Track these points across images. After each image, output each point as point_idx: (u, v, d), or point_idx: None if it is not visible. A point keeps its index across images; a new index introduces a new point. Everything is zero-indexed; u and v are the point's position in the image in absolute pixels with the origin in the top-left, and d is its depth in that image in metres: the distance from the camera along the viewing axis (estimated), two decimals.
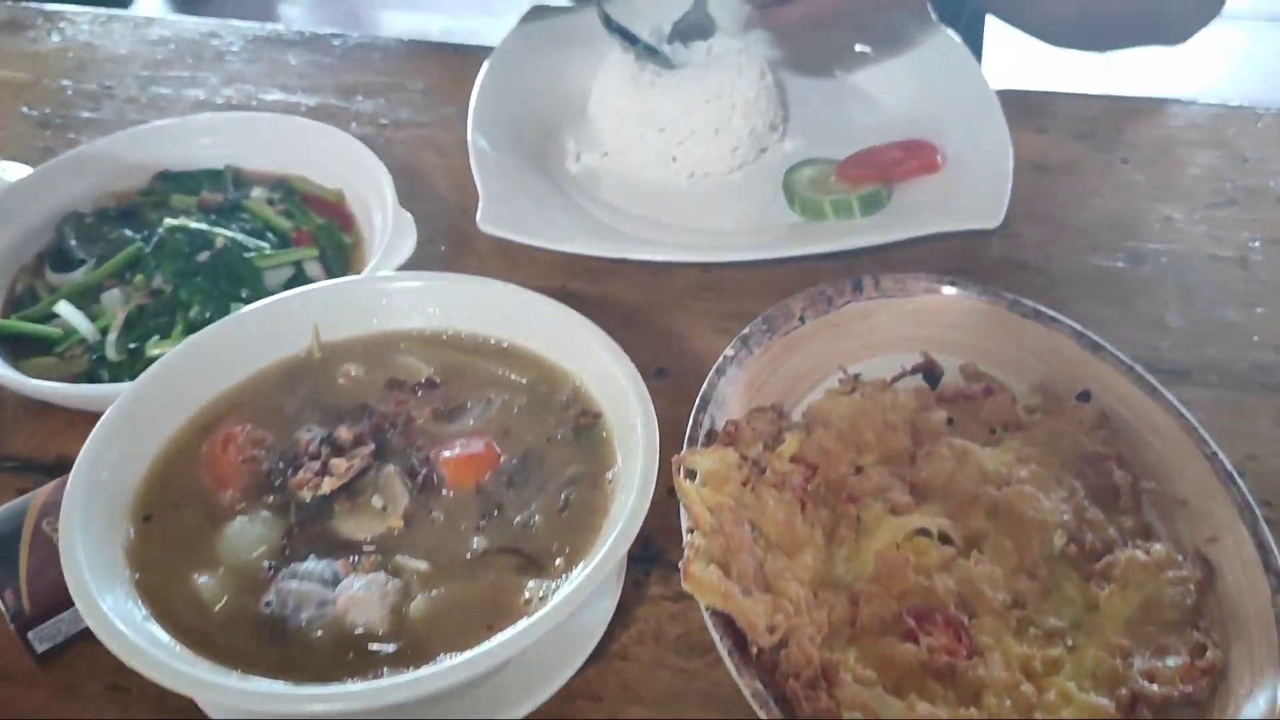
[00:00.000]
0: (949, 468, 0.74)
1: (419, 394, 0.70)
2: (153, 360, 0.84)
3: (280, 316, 0.73)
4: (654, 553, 0.74)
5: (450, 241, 1.00)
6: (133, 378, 0.84)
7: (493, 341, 0.74)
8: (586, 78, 1.12)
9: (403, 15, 4.64)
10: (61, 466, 0.82)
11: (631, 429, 0.64)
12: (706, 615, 0.62)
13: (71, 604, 0.57)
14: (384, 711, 0.53)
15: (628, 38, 1.09)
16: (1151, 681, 0.63)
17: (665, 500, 0.65)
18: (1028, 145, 1.09)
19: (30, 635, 0.68)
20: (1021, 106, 1.15)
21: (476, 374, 0.72)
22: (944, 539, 0.71)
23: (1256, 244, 0.98)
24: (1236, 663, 0.64)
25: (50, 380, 0.84)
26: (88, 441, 0.64)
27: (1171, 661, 0.64)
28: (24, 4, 1.39)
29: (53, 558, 0.70)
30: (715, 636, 0.61)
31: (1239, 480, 0.70)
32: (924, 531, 0.71)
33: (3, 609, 0.69)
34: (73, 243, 0.96)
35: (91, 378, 0.86)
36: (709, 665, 0.68)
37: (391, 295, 0.75)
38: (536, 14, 1.21)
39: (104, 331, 0.87)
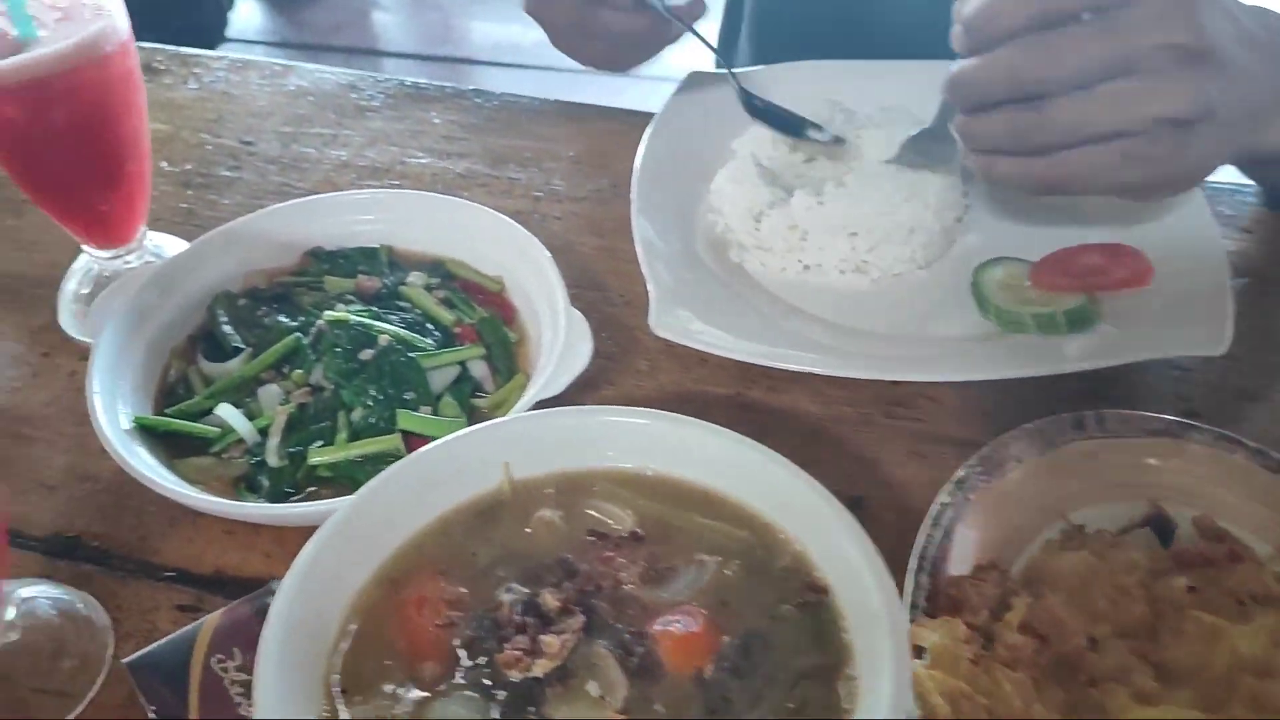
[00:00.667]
0: (1198, 648, 0.67)
1: (623, 549, 0.64)
2: (315, 468, 0.81)
3: (471, 452, 0.68)
4: None
5: (616, 337, 0.94)
6: (294, 485, 0.81)
7: (698, 488, 0.68)
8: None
9: (495, 26, 4.61)
10: (219, 582, 0.78)
11: (872, 618, 0.57)
12: None
13: None
14: None
15: (782, 123, 1.03)
16: None
17: None
18: (1231, 248, 1.01)
19: None
20: (1214, 201, 1.07)
21: (684, 528, 0.66)
22: None
23: None
24: None
25: (208, 483, 0.80)
26: (275, 606, 0.59)
27: None
28: (155, 46, 1.36)
29: (225, 705, 0.65)
30: None
31: None
32: None
33: None
34: (226, 328, 0.91)
35: (250, 482, 0.81)
36: None
37: (589, 430, 0.69)
38: (697, 81, 1.15)
39: (262, 431, 0.83)
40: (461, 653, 0.59)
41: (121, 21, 0.87)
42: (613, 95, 1.33)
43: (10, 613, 0.72)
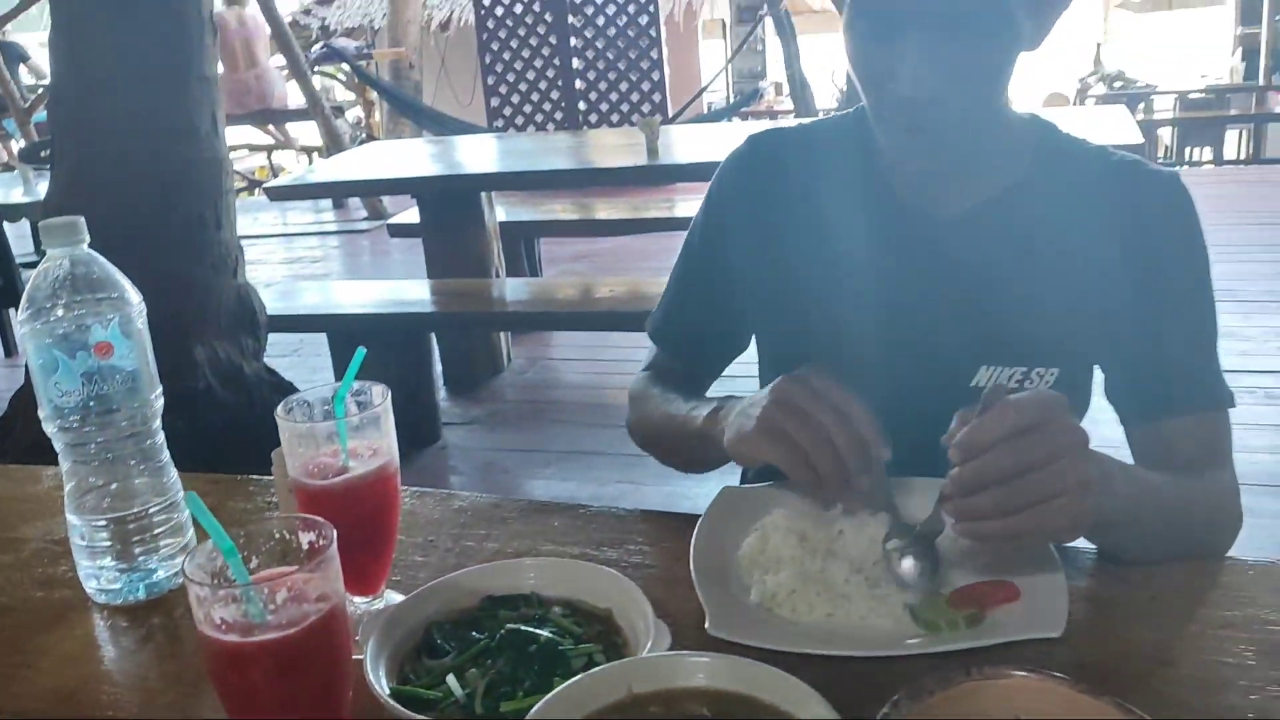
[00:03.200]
0: None
1: None
2: (504, 714, 1.32)
3: (606, 679, 1.20)
4: None
5: (683, 640, 1.46)
6: None
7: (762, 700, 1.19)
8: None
9: (554, 484, 5.39)
10: None
11: None
12: None
13: None
14: None
15: None
16: None
17: None
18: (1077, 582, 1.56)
19: None
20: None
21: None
22: None
23: None
24: None
25: None
26: None
27: None
28: None
29: None
30: None
31: None
32: None
33: None
34: (438, 640, 1.46)
35: None
36: None
37: (682, 662, 1.22)
38: (729, 492, 1.76)
39: (470, 696, 1.35)
40: None
41: (395, 456, 1.51)
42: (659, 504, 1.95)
43: None
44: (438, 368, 6.88)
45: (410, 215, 7.63)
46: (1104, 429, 1.74)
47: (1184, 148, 17.15)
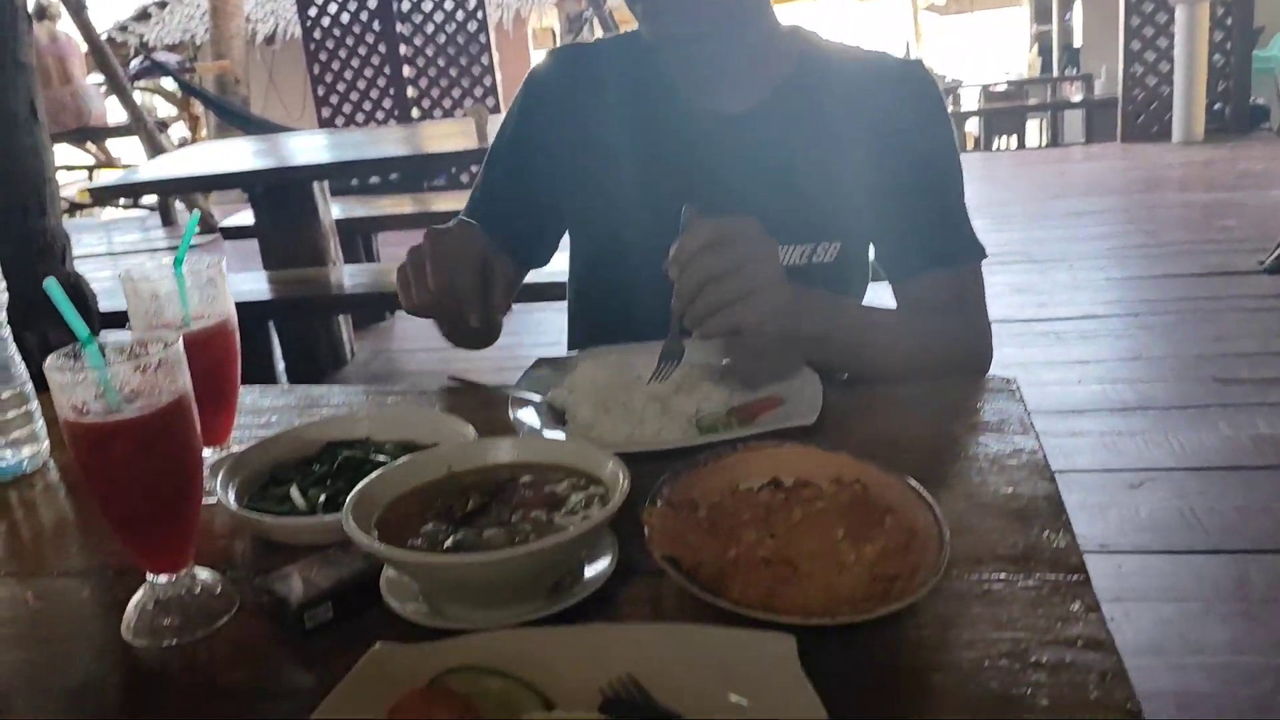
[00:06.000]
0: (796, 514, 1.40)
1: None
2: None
3: (423, 462, 1.42)
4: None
5: None
6: None
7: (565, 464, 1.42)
8: None
9: None
10: None
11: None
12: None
13: None
14: None
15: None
16: None
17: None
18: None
19: None
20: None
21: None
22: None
23: None
24: None
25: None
26: None
27: None
28: None
29: None
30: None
31: None
32: None
33: None
34: (283, 478, 1.64)
35: None
36: None
37: (495, 443, 1.44)
38: (542, 360, 1.99)
39: (311, 506, 1.54)
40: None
41: (234, 313, 1.69)
42: None
43: None
44: (280, 364, 6.89)
45: (244, 217, 7.59)
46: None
47: (992, 136, 18.34)
